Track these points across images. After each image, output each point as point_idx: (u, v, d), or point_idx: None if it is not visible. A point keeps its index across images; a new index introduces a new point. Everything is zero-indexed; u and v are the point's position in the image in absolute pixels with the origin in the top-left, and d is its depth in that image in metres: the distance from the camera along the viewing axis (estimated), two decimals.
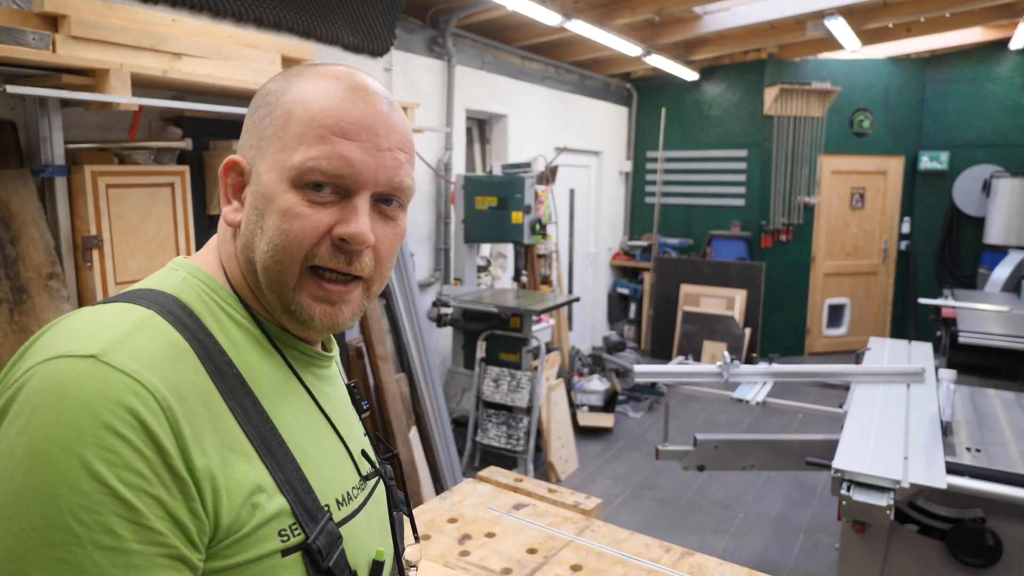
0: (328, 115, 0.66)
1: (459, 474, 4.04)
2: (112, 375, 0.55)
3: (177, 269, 0.70)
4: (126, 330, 0.60)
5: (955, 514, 2.10)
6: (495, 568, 1.44)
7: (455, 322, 4.48)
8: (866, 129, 6.93)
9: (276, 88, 0.70)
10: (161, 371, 0.58)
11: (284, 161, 0.66)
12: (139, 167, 2.54)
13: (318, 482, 0.67)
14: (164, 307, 0.64)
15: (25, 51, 2.02)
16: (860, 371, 3.14)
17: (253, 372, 0.66)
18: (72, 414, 0.53)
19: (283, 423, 0.67)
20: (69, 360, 0.56)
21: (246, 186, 0.70)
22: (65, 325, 0.61)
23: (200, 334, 0.64)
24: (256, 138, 0.69)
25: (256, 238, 0.68)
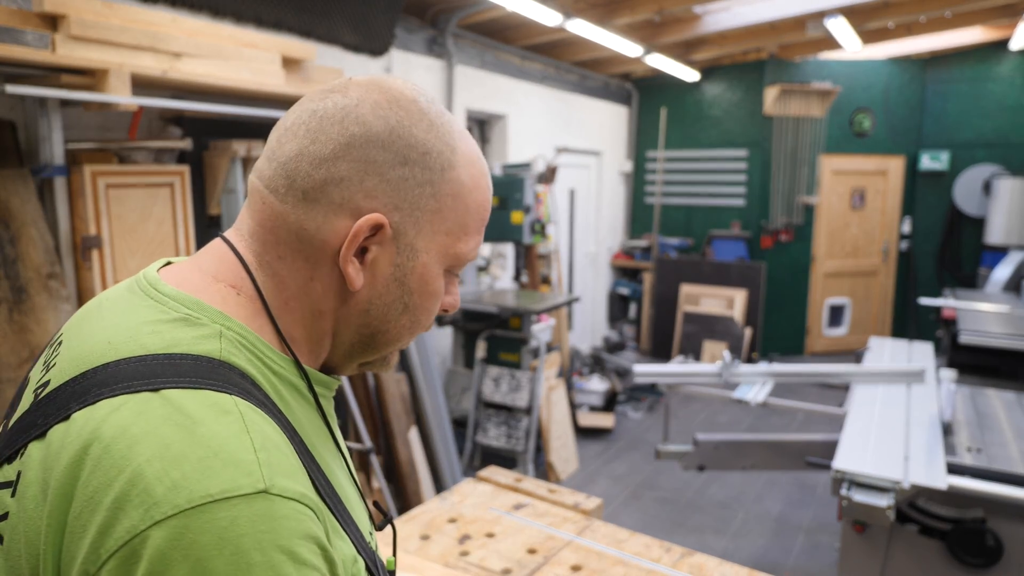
0: (484, 209, 0.68)
1: (459, 474, 4.04)
2: (292, 510, 0.52)
3: (198, 316, 0.60)
4: (254, 437, 0.53)
5: (956, 514, 2.10)
6: (495, 568, 1.44)
7: (455, 322, 4.48)
8: (866, 129, 6.93)
9: (436, 149, 0.64)
10: (302, 478, 0.55)
11: (450, 247, 0.66)
12: (139, 167, 2.54)
13: (362, 525, 0.68)
14: (237, 386, 0.56)
15: (25, 51, 2.02)
16: (860, 371, 3.13)
17: (303, 428, 0.63)
18: (280, 563, 0.50)
19: (332, 476, 0.64)
20: (242, 503, 0.49)
21: (373, 246, 0.63)
22: (166, 441, 0.50)
23: (275, 411, 0.59)
24: (408, 203, 0.63)
25: (394, 311, 0.66)
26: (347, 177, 0.61)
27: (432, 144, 0.63)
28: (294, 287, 0.63)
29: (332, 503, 0.60)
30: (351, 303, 0.65)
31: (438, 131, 0.64)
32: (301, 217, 0.62)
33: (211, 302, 0.61)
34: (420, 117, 0.63)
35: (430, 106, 0.65)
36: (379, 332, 0.67)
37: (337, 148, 0.61)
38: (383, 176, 0.62)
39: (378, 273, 0.64)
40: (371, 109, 0.62)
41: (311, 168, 0.61)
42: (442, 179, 0.64)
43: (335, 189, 0.61)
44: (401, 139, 0.62)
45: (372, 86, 0.64)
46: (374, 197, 0.61)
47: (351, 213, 0.61)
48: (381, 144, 0.61)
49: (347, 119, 0.61)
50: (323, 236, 0.62)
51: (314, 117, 0.62)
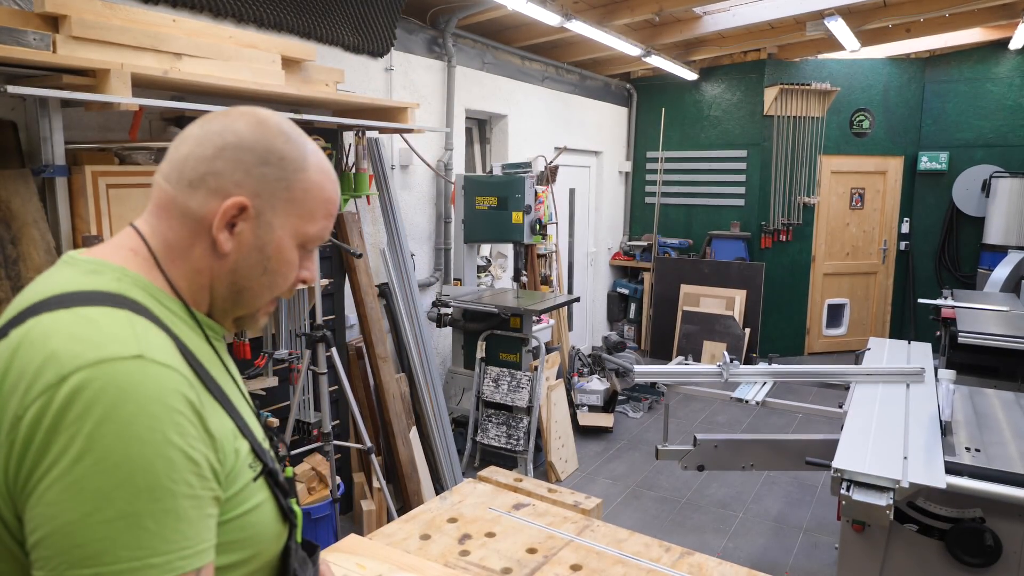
0: (331, 203, 0.92)
1: (459, 474, 4.04)
2: (162, 371, 0.72)
3: (100, 270, 0.81)
4: (138, 331, 0.75)
5: (954, 514, 2.10)
6: (495, 568, 1.45)
7: (455, 322, 4.49)
8: (866, 129, 6.93)
9: (290, 156, 0.87)
10: (177, 360, 0.76)
11: (300, 227, 0.89)
12: (140, 167, 2.54)
13: (256, 431, 0.89)
14: (131, 307, 0.77)
15: (26, 51, 2.02)
16: (860, 371, 3.14)
17: (197, 351, 0.83)
18: (150, 403, 0.70)
19: (223, 384, 0.85)
20: (122, 362, 0.70)
21: (239, 222, 0.85)
22: (72, 332, 0.72)
23: (163, 326, 0.79)
24: (267, 192, 0.85)
25: (255, 272, 0.88)
26: (222, 171, 0.84)
27: (287, 152, 0.87)
28: (179, 250, 0.85)
29: (216, 393, 0.81)
30: (223, 263, 0.86)
31: (293, 145, 0.88)
32: (187, 199, 0.84)
33: (114, 261, 0.83)
34: (278, 133, 0.87)
35: (291, 129, 0.89)
36: (244, 288, 0.88)
37: (216, 150, 0.84)
38: (248, 172, 0.84)
39: (243, 242, 0.86)
40: (244, 125, 0.86)
41: (196, 163, 0.84)
42: (294, 177, 0.87)
43: (213, 179, 0.83)
44: (263, 146, 0.85)
45: (248, 112, 0.88)
46: (241, 186, 0.84)
47: (223, 197, 0.83)
48: (248, 148, 0.85)
49: (225, 131, 0.85)
50: (202, 213, 0.84)
51: (202, 130, 0.86)
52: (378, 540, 1.55)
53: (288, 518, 0.90)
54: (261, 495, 0.85)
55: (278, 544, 0.89)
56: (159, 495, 0.68)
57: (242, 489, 0.81)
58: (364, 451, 3.16)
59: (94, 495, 0.66)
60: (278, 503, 0.88)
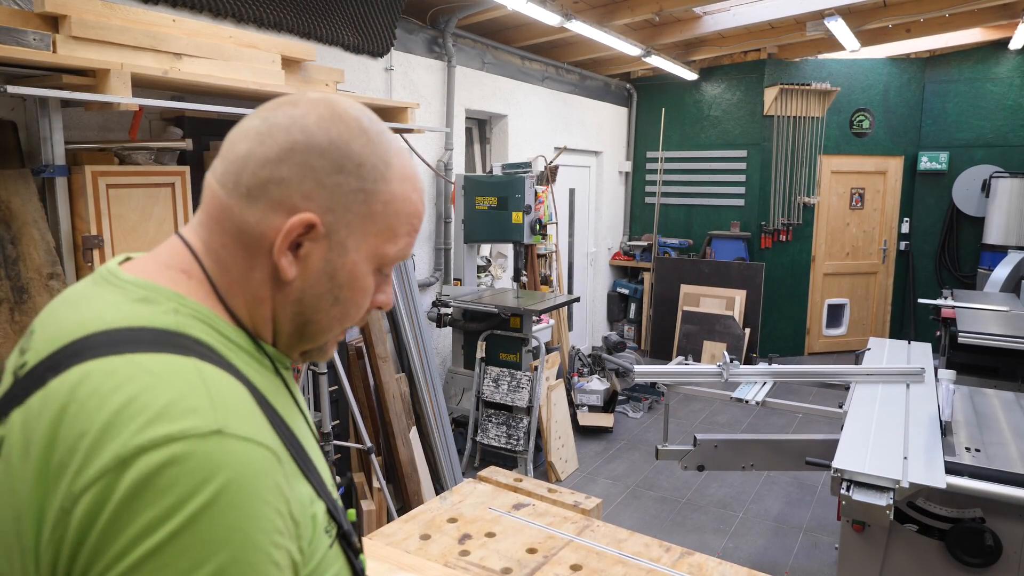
0: (415, 217, 0.75)
1: (459, 474, 4.04)
2: (247, 450, 0.59)
3: (153, 297, 0.66)
4: (211, 390, 0.60)
5: (954, 514, 2.10)
6: (495, 568, 1.45)
7: (455, 322, 4.49)
8: (866, 129, 6.93)
9: (370, 162, 0.71)
10: (261, 425, 0.62)
11: (378, 247, 0.73)
12: (139, 167, 2.54)
13: (325, 478, 0.75)
14: (198, 352, 0.63)
15: (26, 51, 2.02)
16: (860, 371, 3.14)
17: (270, 394, 0.69)
18: (236, 497, 0.56)
19: (295, 429, 0.71)
20: (199, 440, 0.56)
21: (306, 242, 0.69)
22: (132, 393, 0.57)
23: (235, 371, 0.65)
24: (341, 207, 0.69)
25: (324, 302, 0.72)
26: (287, 179, 0.67)
27: (367, 157, 0.70)
28: (236, 273, 0.70)
29: (293, 449, 0.67)
30: (286, 292, 0.71)
31: (375, 147, 0.71)
32: (244, 211, 0.68)
33: (166, 285, 0.68)
34: (360, 133, 0.71)
35: (371, 125, 0.72)
36: (311, 321, 0.73)
37: (281, 152, 0.67)
38: (319, 181, 0.68)
39: (310, 267, 0.70)
40: (315, 121, 0.69)
41: (257, 167, 0.68)
42: (375, 188, 0.71)
43: (275, 188, 0.67)
44: (339, 150, 0.69)
45: (321, 102, 0.71)
46: (310, 199, 0.68)
47: (288, 211, 0.67)
48: (320, 152, 0.68)
49: (293, 127, 0.68)
50: (261, 230, 0.68)
51: (265, 123, 0.69)
52: (378, 540, 1.55)
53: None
54: (338, 563, 0.73)
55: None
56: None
57: (320, 562, 0.69)
58: (364, 451, 3.16)
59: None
60: (352, 568, 0.76)
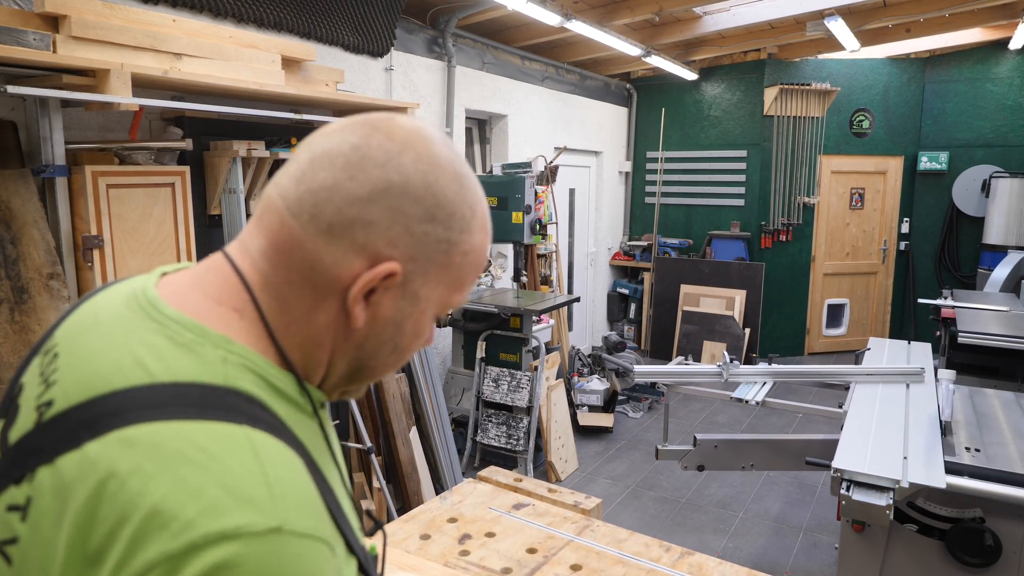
0: (482, 267, 0.72)
1: (459, 474, 4.04)
2: (308, 548, 0.54)
3: (201, 342, 0.60)
4: (268, 472, 0.54)
5: (954, 514, 2.11)
6: (495, 568, 1.45)
7: (455, 322, 4.49)
8: (865, 129, 6.93)
9: (459, 212, 0.66)
10: (319, 513, 0.57)
11: (446, 297, 0.69)
12: (139, 167, 2.54)
13: (355, 525, 0.71)
14: (250, 416, 0.58)
15: (26, 51, 2.02)
16: (860, 371, 3.14)
17: (313, 450, 0.64)
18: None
19: (335, 490, 0.67)
20: (258, 540, 0.51)
21: (380, 289, 0.65)
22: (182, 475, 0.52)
23: (288, 435, 0.61)
24: (423, 256, 0.65)
25: (386, 349, 0.69)
26: (376, 222, 0.62)
27: (458, 206, 0.66)
28: (297, 313, 0.64)
29: (337, 516, 0.61)
30: (350, 338, 0.66)
31: (465, 194, 0.67)
32: (320, 248, 0.62)
33: (214, 327, 0.61)
34: (453, 179, 0.66)
35: (463, 169, 0.68)
36: (367, 367, 0.70)
37: (374, 192, 0.62)
38: (409, 228, 0.63)
39: (379, 314, 0.66)
40: (412, 162, 0.64)
41: (343, 204, 0.62)
42: (459, 239, 0.67)
43: (361, 230, 0.62)
44: (434, 197, 0.64)
45: (418, 138, 0.65)
46: (395, 246, 0.63)
47: (370, 256, 0.62)
48: (415, 198, 0.63)
49: (389, 165, 0.63)
50: (337, 272, 0.63)
51: (356, 152, 0.63)
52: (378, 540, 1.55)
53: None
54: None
55: None
56: None
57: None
58: (364, 451, 3.16)
59: None
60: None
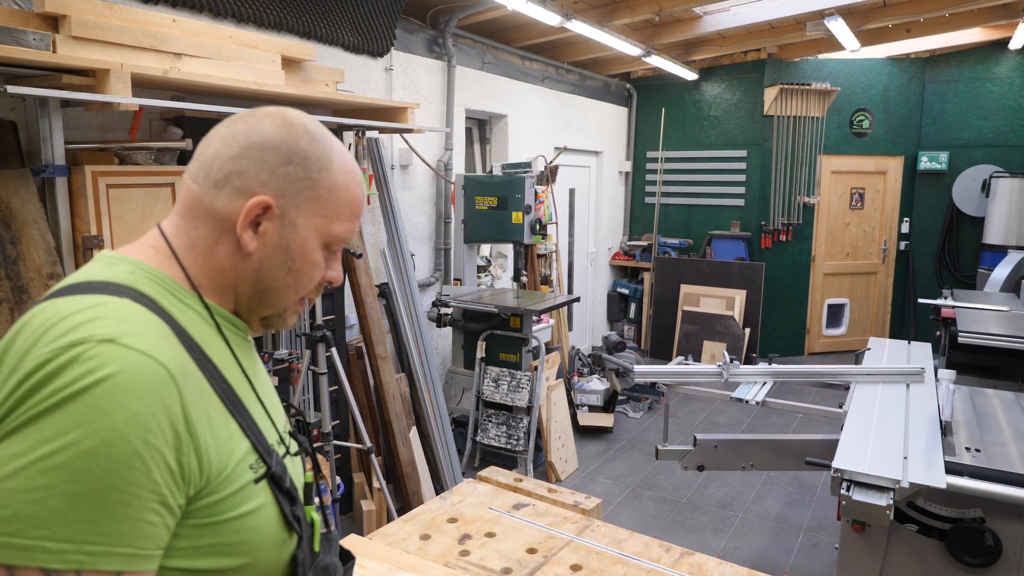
0: (355, 203, 0.91)
1: (459, 474, 4.04)
2: (133, 356, 0.70)
3: (118, 263, 0.82)
4: (123, 315, 0.74)
5: (954, 514, 2.10)
6: (495, 568, 1.45)
7: (455, 322, 4.49)
8: (866, 129, 6.93)
9: (314, 155, 0.87)
10: (164, 349, 0.74)
11: (324, 227, 0.88)
12: (139, 167, 2.54)
13: (267, 432, 0.87)
14: (132, 296, 0.77)
15: (26, 51, 2.02)
16: (860, 371, 3.14)
17: (205, 343, 0.82)
18: (110, 392, 0.68)
19: (235, 385, 0.84)
20: (92, 344, 0.69)
21: (264, 221, 0.85)
22: (60, 319, 0.72)
23: (165, 315, 0.79)
24: (291, 191, 0.86)
25: (280, 272, 0.88)
26: (246, 170, 0.84)
27: (311, 152, 0.87)
28: (203, 248, 0.86)
29: (218, 387, 0.80)
30: (247, 262, 0.86)
31: (317, 144, 0.88)
32: (212, 198, 0.85)
33: (134, 256, 0.84)
34: (304, 133, 0.87)
35: (315, 128, 0.89)
36: (269, 288, 0.88)
37: (241, 150, 0.85)
38: (272, 171, 0.85)
39: (268, 242, 0.86)
40: (268, 125, 0.86)
41: (223, 163, 0.85)
42: (319, 177, 0.87)
43: (237, 178, 0.84)
44: (287, 146, 0.86)
45: (274, 112, 0.88)
46: (266, 185, 0.85)
47: (247, 196, 0.84)
48: (272, 148, 0.85)
49: (250, 131, 0.86)
50: (227, 212, 0.84)
51: (228, 130, 0.86)
52: (378, 540, 1.55)
53: (293, 526, 0.86)
54: (261, 498, 0.82)
55: (280, 552, 0.85)
56: (85, 478, 0.66)
57: (238, 491, 0.78)
58: (364, 451, 3.16)
59: (37, 477, 0.65)
60: (281, 509, 0.84)
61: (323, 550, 0.93)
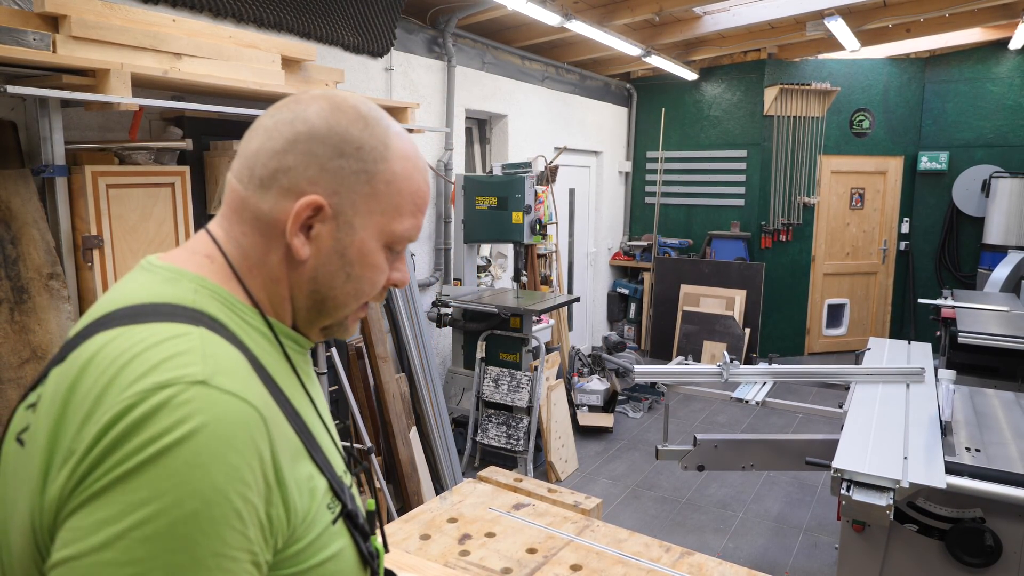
0: (419, 195, 0.81)
1: (459, 474, 4.04)
2: (227, 400, 0.64)
3: (178, 279, 0.74)
4: (208, 352, 0.66)
5: (954, 514, 2.10)
6: (495, 568, 1.45)
7: (455, 322, 4.49)
8: (866, 129, 6.93)
9: (369, 144, 0.77)
10: (252, 387, 0.67)
11: (385, 225, 0.78)
12: (139, 167, 2.54)
13: (334, 461, 0.80)
14: (206, 324, 0.70)
15: (26, 51, 2.02)
16: (860, 371, 3.14)
17: (273, 370, 0.74)
18: (210, 442, 0.61)
19: (300, 409, 0.77)
20: (182, 388, 0.62)
21: (316, 224, 0.76)
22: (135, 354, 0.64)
23: (240, 344, 0.71)
24: (345, 188, 0.76)
25: (338, 279, 0.78)
26: (293, 167, 0.74)
27: (366, 140, 0.77)
28: (255, 257, 0.77)
29: (294, 423, 0.73)
30: (300, 271, 0.77)
31: (372, 130, 0.77)
32: (258, 200, 0.76)
33: (191, 269, 0.75)
34: (357, 119, 0.77)
35: (369, 112, 0.78)
36: (327, 298, 0.79)
37: (286, 143, 0.75)
38: (323, 166, 0.75)
39: (322, 246, 0.76)
40: (316, 112, 0.76)
41: (267, 159, 0.75)
42: (375, 169, 0.77)
43: (284, 176, 0.75)
44: (338, 135, 0.75)
45: (321, 96, 0.78)
46: (316, 183, 0.75)
47: (296, 196, 0.74)
48: (320, 140, 0.75)
49: (296, 120, 0.76)
50: (275, 215, 0.75)
51: (272, 120, 0.77)
52: None
53: (369, 562, 0.80)
54: (341, 541, 0.76)
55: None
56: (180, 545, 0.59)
57: (320, 535, 0.72)
58: (364, 451, 3.16)
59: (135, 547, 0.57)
60: (358, 548, 0.79)
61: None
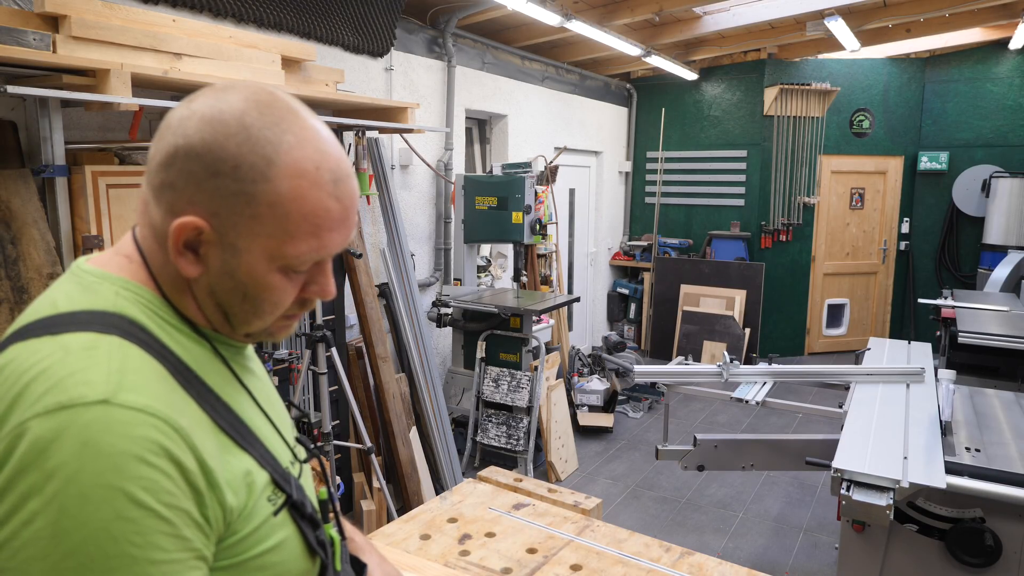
0: (316, 216, 0.71)
1: (459, 474, 4.04)
2: (131, 416, 0.63)
3: (99, 283, 0.72)
4: (113, 366, 0.65)
5: (954, 514, 2.10)
6: (495, 568, 1.45)
7: (455, 322, 4.49)
8: (866, 129, 6.93)
9: (248, 162, 0.69)
10: (162, 399, 0.66)
11: (275, 249, 0.71)
12: (140, 167, 2.54)
13: (278, 452, 0.80)
14: (122, 330, 0.69)
15: (26, 51, 2.02)
16: (860, 371, 3.14)
17: (201, 367, 0.74)
18: (109, 457, 0.60)
19: (236, 406, 0.76)
20: (85, 409, 0.61)
21: (203, 244, 0.71)
22: (43, 368, 0.63)
23: (159, 348, 0.71)
24: (225, 209, 0.69)
25: (235, 298, 0.74)
26: (175, 183, 0.70)
27: (244, 158, 0.69)
28: (160, 261, 0.74)
29: (224, 421, 0.72)
30: (199, 284, 0.74)
31: (252, 145, 0.69)
32: (153, 210, 0.72)
33: (114, 271, 0.74)
34: (237, 131, 0.69)
35: (255, 120, 0.70)
36: (230, 314, 0.76)
37: (167, 157, 0.70)
38: (199, 186, 0.69)
39: (211, 266, 0.72)
40: (195, 124, 0.69)
41: (156, 169, 0.71)
42: (254, 190, 0.69)
43: (169, 192, 0.70)
44: (212, 153, 0.68)
45: (210, 95, 0.71)
46: (194, 203, 0.69)
47: (177, 215, 0.70)
48: (196, 156, 0.69)
49: (177, 130, 0.70)
50: (164, 229, 0.71)
51: (166, 121, 0.72)
52: (378, 540, 1.55)
53: (317, 552, 0.81)
54: (284, 531, 0.76)
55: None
56: (116, 564, 0.59)
57: (259, 527, 0.73)
58: (364, 451, 3.16)
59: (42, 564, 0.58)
60: (304, 538, 0.79)
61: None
